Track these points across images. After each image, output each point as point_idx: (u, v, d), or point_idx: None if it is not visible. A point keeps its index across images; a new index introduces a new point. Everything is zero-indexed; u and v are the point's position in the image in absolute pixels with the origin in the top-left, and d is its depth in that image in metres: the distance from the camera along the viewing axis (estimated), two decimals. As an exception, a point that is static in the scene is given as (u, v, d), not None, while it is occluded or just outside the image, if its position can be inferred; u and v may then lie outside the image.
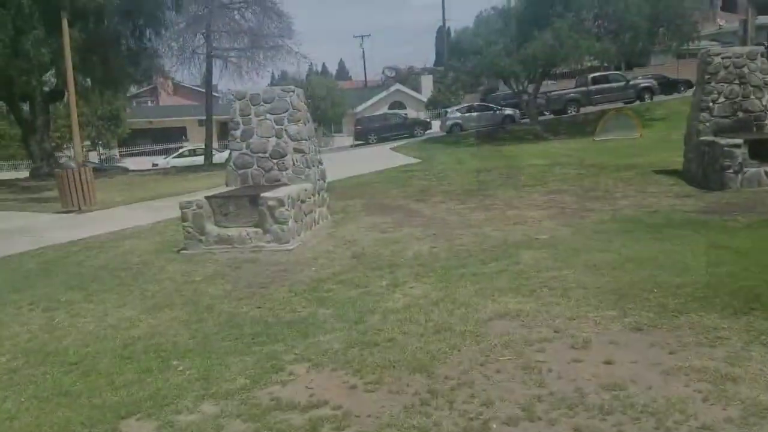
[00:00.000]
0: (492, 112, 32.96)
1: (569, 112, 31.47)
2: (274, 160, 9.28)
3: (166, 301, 5.88)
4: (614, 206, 9.25)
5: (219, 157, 27.78)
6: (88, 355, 4.58)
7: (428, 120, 39.62)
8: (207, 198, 8.22)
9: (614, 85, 31.29)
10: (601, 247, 6.67)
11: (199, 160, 29.68)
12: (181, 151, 34.09)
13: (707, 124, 11.02)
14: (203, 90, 33.55)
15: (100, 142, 45.61)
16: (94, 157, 42.14)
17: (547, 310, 4.70)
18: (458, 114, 33.53)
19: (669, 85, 33.62)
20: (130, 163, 38.63)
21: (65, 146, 46.82)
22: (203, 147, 29.38)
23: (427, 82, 54.39)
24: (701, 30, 28.24)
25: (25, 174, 25.77)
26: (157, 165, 32.09)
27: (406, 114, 41.93)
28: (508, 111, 32.63)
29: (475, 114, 33.22)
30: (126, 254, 8.28)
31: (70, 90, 15.34)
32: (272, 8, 23.98)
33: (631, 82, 31.49)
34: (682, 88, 33.79)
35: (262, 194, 8.00)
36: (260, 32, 23.47)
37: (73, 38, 18.76)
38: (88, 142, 44.38)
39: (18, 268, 7.93)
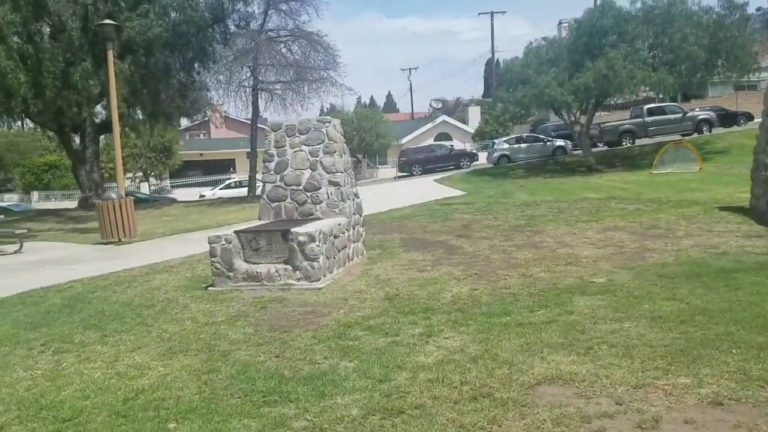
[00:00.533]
0: (542, 143, 32.11)
1: (624, 143, 30.38)
2: (308, 193, 8.85)
3: (182, 345, 5.42)
4: (677, 246, 8.40)
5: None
6: (84, 410, 4.12)
7: (475, 151, 39.02)
8: (236, 233, 7.81)
9: (671, 116, 30.08)
10: (666, 295, 5.89)
11: (245, 191, 29.83)
12: (227, 182, 34.43)
13: (779, 156, 10.08)
14: (252, 122, 33.94)
15: (152, 174, 46.81)
16: (145, 188, 43.18)
17: (606, 374, 3.98)
18: (506, 145, 32.80)
19: (728, 118, 32.19)
20: (180, 194, 39.33)
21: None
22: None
23: (474, 114, 53.94)
24: (761, 61, 26.94)
25: (75, 204, 26.33)
26: (204, 196, 32.44)
27: (451, 145, 41.46)
28: (560, 142, 31.73)
29: (524, 145, 32.44)
30: (154, 290, 7.92)
31: (114, 122, 15.44)
32: (318, 41, 24.04)
33: (689, 114, 30.22)
34: (742, 121, 32.31)
35: (292, 229, 7.54)
36: (306, 65, 23.48)
37: (122, 71, 19.14)
38: (140, 174, 45.65)
39: (42, 302, 7.66)
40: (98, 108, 24.45)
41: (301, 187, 8.88)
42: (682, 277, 6.63)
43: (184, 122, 51.12)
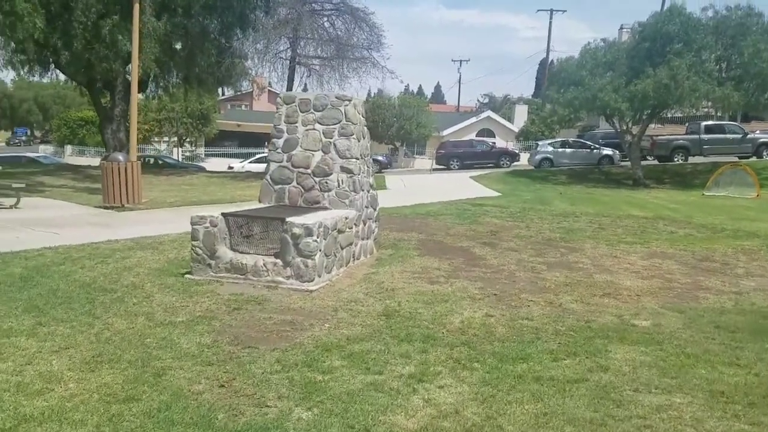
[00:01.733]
0: (588, 150, 30.39)
1: (676, 159, 28.48)
2: (317, 179, 7.77)
3: (116, 352, 4.41)
4: (737, 288, 7.07)
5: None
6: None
7: (517, 151, 37.42)
8: (224, 215, 6.79)
9: (729, 136, 28.02)
10: (728, 357, 4.65)
11: (275, 166, 28.96)
12: (258, 156, 33.63)
13: None
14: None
15: (188, 140, 46.45)
16: (177, 153, 42.77)
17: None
18: (550, 148, 31.15)
19: (790, 145, 29.88)
20: (211, 163, 38.75)
21: (155, 140, 48.14)
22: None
23: (520, 112, 52.06)
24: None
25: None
26: (232, 168, 31.71)
27: (493, 142, 39.91)
28: (607, 151, 29.98)
29: (569, 150, 30.76)
30: (124, 270, 6.97)
31: (134, 80, 14.62)
32: (364, 18, 22.82)
33: (749, 136, 28.13)
34: (810, 147, 30.01)
35: (287, 218, 6.48)
36: (347, 42, 22.32)
37: (155, 29, 18.31)
38: (175, 139, 45.32)
39: (0, 271, 6.78)
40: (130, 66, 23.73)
41: (309, 171, 7.80)
42: (746, 332, 5.35)
43: (228, 92, 50.65)
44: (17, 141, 62.94)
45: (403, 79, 42.37)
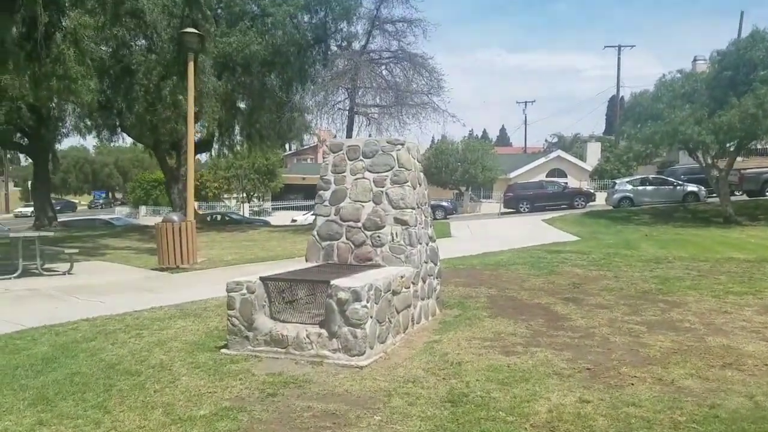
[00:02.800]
0: (671, 187, 28.36)
1: (767, 193, 26.06)
2: (368, 233, 6.88)
3: (117, 460, 3.56)
4: None
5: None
6: None
7: (592, 191, 35.58)
8: (262, 280, 5.95)
9: (827, 165, 25.46)
10: None
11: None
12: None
13: None
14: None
15: (255, 195, 47.17)
16: (245, 209, 43.32)
17: None
18: (629, 186, 29.27)
19: None
20: (277, 217, 38.90)
21: (225, 196, 49.18)
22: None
23: (593, 150, 50.13)
24: None
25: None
26: (295, 221, 31.53)
27: (566, 183, 38.25)
28: (691, 187, 27.86)
29: (650, 188, 28.79)
30: (157, 345, 6.21)
31: (189, 139, 14.39)
32: (423, 64, 22.28)
33: None
34: None
35: (332, 281, 5.57)
36: (407, 88, 21.77)
37: (215, 88, 18.35)
38: (243, 194, 46.08)
39: (24, 350, 6.16)
40: (196, 126, 24.07)
41: (359, 224, 6.93)
42: None
43: (293, 147, 51.51)
44: (96, 204, 66.12)
45: (465, 122, 41.54)
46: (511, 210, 32.68)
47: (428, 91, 22.14)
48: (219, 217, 32.47)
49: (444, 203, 34.02)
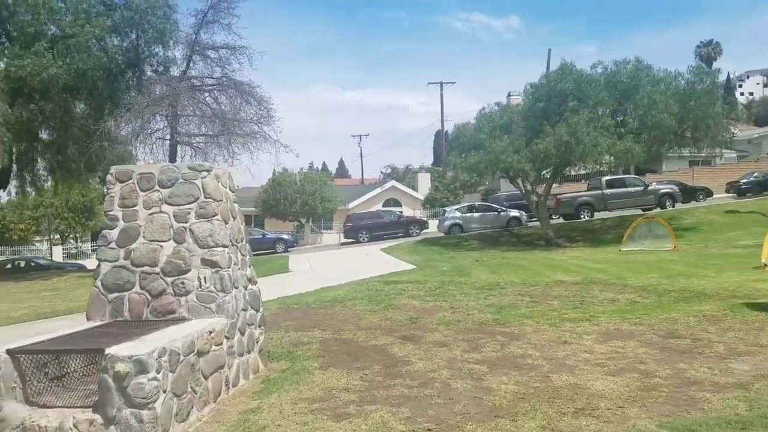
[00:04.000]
0: (496, 213, 29.80)
1: (582, 216, 28.24)
2: (169, 279, 5.62)
3: None
4: (731, 375, 5.49)
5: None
6: None
7: (425, 219, 36.51)
8: (10, 353, 4.45)
9: (631, 189, 28.18)
10: None
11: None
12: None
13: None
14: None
15: (71, 236, 42.26)
16: (58, 252, 38.39)
17: None
18: (458, 214, 30.28)
19: (687, 193, 30.62)
20: (94, 260, 34.95)
21: (36, 239, 43.36)
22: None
23: (424, 180, 52.01)
24: (733, 134, 25.51)
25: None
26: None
27: (401, 212, 38.91)
28: (514, 213, 29.49)
29: (477, 214, 30.04)
30: None
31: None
32: (250, 92, 21.12)
33: (650, 188, 28.43)
34: (701, 197, 30.85)
35: (106, 349, 4.26)
36: (234, 117, 20.44)
37: (3, 114, 15.73)
38: (55, 236, 41.02)
39: None
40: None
41: (157, 269, 5.65)
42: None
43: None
44: None
45: (299, 153, 40.86)
46: (351, 240, 32.41)
47: (258, 120, 21.02)
48: (22, 264, 28.34)
49: (285, 236, 32.87)
